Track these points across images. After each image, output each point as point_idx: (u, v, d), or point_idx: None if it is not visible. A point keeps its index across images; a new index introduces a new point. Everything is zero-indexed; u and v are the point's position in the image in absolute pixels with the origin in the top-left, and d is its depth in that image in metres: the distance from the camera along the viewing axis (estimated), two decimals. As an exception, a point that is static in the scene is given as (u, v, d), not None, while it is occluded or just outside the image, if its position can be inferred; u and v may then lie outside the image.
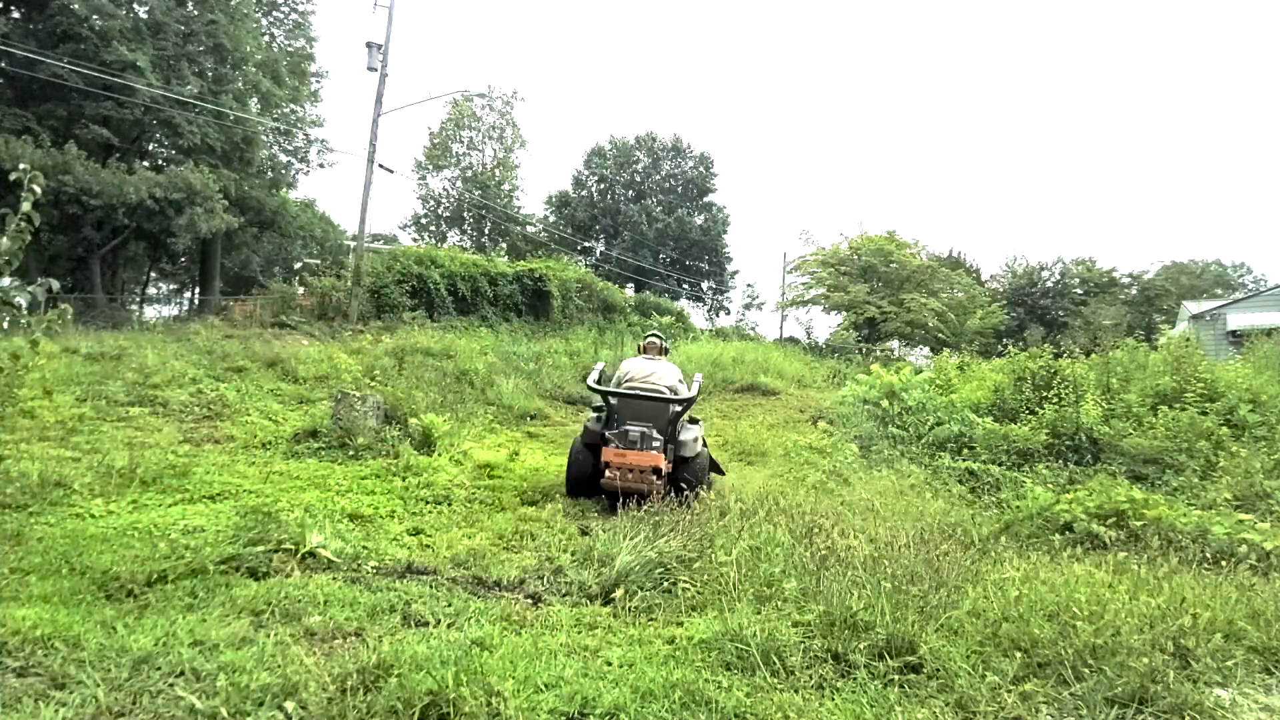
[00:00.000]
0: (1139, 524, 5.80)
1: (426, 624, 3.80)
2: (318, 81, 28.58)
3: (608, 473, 6.83)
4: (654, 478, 6.75)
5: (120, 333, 14.84)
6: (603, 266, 42.93)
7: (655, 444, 6.93)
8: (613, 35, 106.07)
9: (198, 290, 29.12)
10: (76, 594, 3.87)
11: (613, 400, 7.39)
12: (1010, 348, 14.25)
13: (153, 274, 33.11)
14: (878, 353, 33.46)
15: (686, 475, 7.08)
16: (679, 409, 7.37)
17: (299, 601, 3.95)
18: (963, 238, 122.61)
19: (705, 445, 7.78)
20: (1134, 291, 44.62)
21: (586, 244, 48.55)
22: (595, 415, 7.69)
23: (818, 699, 3.12)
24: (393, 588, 4.33)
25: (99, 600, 3.84)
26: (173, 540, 4.82)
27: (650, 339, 8.44)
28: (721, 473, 8.35)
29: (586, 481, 7.20)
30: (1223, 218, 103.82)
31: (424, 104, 41.20)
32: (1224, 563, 5.24)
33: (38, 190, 4.14)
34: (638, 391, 7.38)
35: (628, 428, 7.01)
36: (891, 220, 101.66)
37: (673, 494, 6.43)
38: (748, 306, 51.56)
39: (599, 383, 7.66)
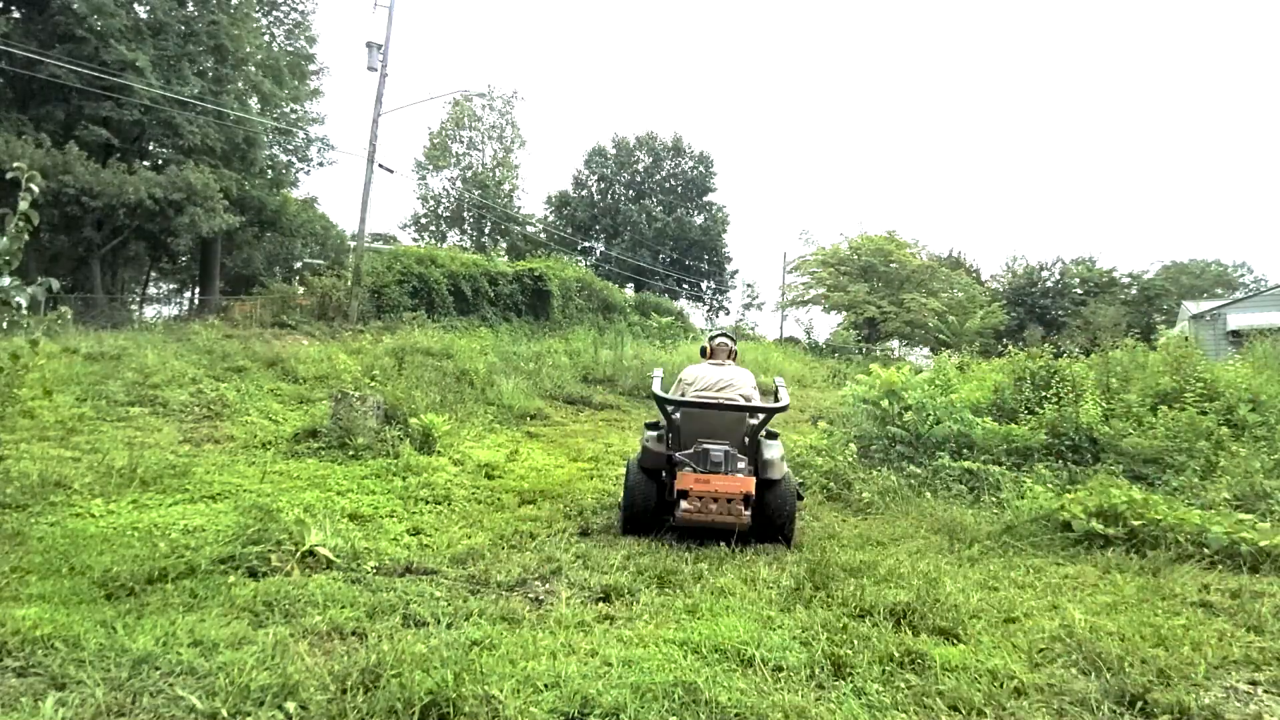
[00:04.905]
0: (1138, 523, 5.80)
1: (426, 624, 3.80)
2: (318, 78, 28.59)
3: (685, 503, 5.48)
4: (743, 508, 5.48)
5: (120, 333, 14.85)
6: (603, 266, 42.93)
7: (740, 466, 5.68)
8: (613, 35, 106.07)
9: (198, 290, 29.10)
10: (76, 594, 3.87)
11: (675, 414, 6.07)
12: (1010, 348, 14.23)
13: (153, 274, 33.12)
14: (878, 353, 33.47)
15: (773, 503, 5.69)
16: (756, 422, 6.01)
17: (299, 601, 3.95)
18: (963, 238, 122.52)
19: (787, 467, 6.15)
20: (1134, 291, 44.57)
21: (586, 244, 48.56)
22: (654, 433, 6.33)
23: (818, 699, 3.12)
24: (393, 588, 4.33)
25: (99, 600, 3.84)
26: (173, 540, 4.82)
27: (719, 340, 6.73)
28: (801, 499, 6.62)
29: (653, 515, 5.84)
30: (1223, 218, 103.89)
31: (424, 104, 41.35)
32: (1223, 563, 5.24)
33: (35, 190, 4.15)
34: (714, 400, 6.04)
35: (707, 447, 5.71)
36: (891, 220, 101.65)
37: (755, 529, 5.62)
38: (748, 306, 51.68)
39: (665, 391, 6.27)
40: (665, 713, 2.90)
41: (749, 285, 61.09)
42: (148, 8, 21.36)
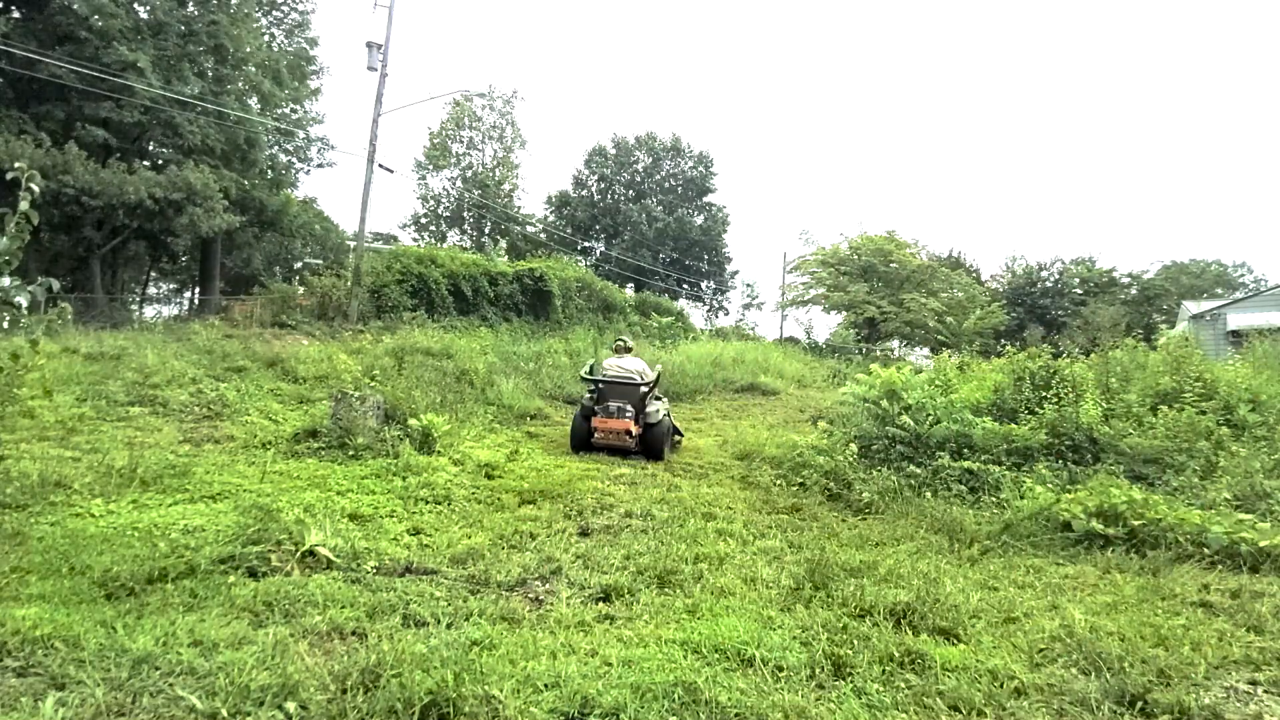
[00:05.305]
0: (1138, 523, 5.80)
1: (426, 624, 3.80)
2: (318, 79, 28.58)
3: (597, 434, 9.90)
4: (627, 437, 9.79)
5: (120, 332, 14.84)
6: (603, 266, 42.95)
7: (628, 414, 9.95)
8: (613, 35, 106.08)
9: (198, 290, 29.11)
10: (76, 594, 3.87)
11: (602, 385, 10.39)
12: (1009, 348, 14.22)
13: (153, 274, 33.12)
14: (878, 353, 33.48)
15: (652, 437, 9.89)
16: (647, 389, 10.20)
17: (299, 601, 3.95)
18: (963, 238, 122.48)
19: (668, 416, 10.61)
20: (1134, 291, 44.59)
21: (586, 244, 48.57)
22: (589, 396, 10.53)
23: (818, 699, 3.12)
24: (393, 588, 4.33)
25: (99, 600, 3.84)
26: (173, 540, 4.82)
27: (619, 342, 11.81)
28: (681, 435, 11.45)
29: (584, 441, 10.10)
30: (1223, 218, 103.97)
31: (424, 104, 41.34)
32: (1223, 563, 5.24)
33: (35, 190, 4.15)
34: (615, 379, 10.48)
35: (610, 404, 10.14)
36: (891, 220, 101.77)
37: (643, 450, 9.84)
38: (747, 306, 51.76)
39: (590, 373, 11.05)
40: (665, 713, 2.90)
41: (749, 285, 61.09)
42: (148, 8, 21.35)
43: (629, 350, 11.50)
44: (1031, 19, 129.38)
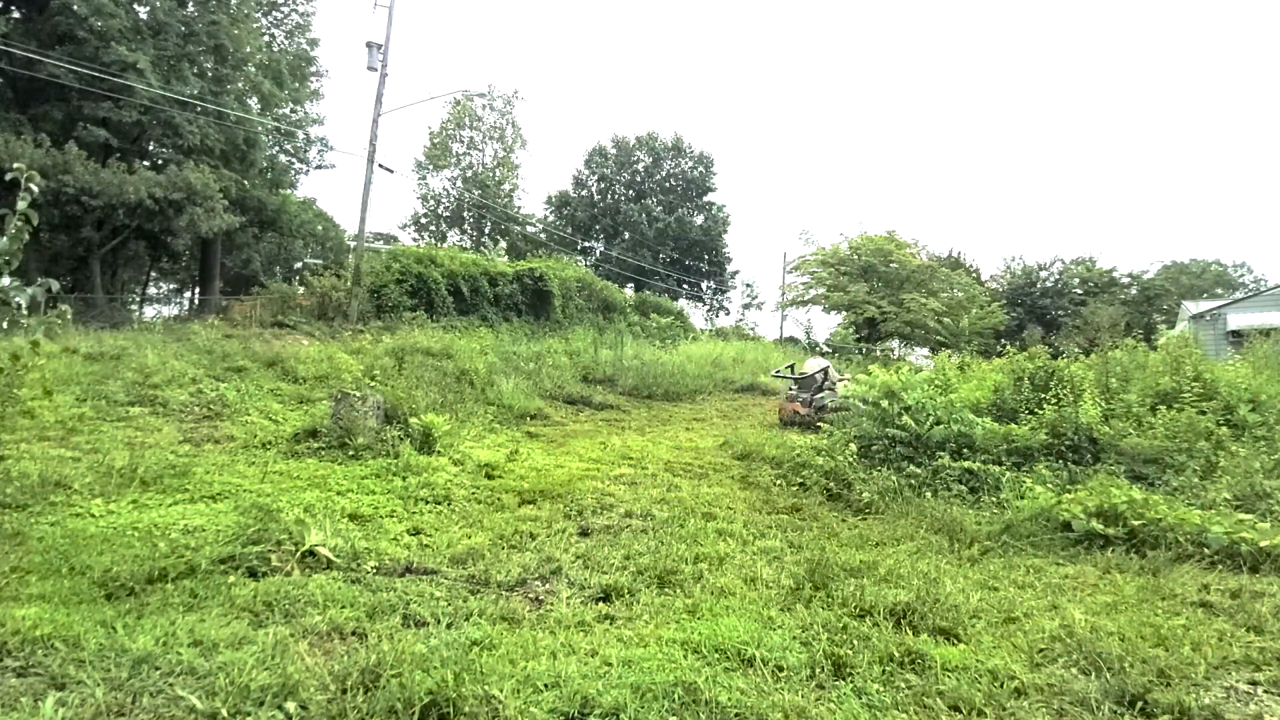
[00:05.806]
0: (1138, 523, 5.80)
1: (426, 624, 3.80)
2: (318, 81, 28.59)
3: (782, 412, 13.87)
4: (797, 415, 13.41)
5: (120, 332, 14.83)
6: (603, 266, 42.94)
7: (800, 399, 13.91)
8: (613, 35, 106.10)
9: (198, 290, 29.11)
10: (76, 594, 3.87)
11: (794, 378, 14.89)
12: (1009, 348, 14.24)
13: (153, 274, 33.11)
14: (877, 352, 33.47)
15: (821, 416, 12.66)
16: (820, 380, 14.44)
17: (299, 601, 3.95)
18: (963, 238, 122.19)
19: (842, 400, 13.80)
20: (1134, 291, 44.60)
21: (586, 244, 48.57)
22: (789, 388, 14.85)
23: (818, 699, 3.12)
24: (393, 588, 4.34)
25: (99, 600, 3.84)
26: (173, 540, 4.82)
27: (817, 357, 16.36)
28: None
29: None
30: (1223, 218, 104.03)
31: (424, 104, 41.37)
32: (1223, 563, 5.24)
33: (35, 190, 4.15)
34: (799, 375, 14.89)
35: (793, 391, 14.33)
36: (891, 220, 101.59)
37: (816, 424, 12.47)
38: (747, 306, 51.73)
39: (785, 372, 15.91)
40: (665, 713, 2.90)
41: (749, 285, 60.99)
42: (148, 8, 21.36)
43: (822, 355, 16.93)
44: (1031, 19, 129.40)
